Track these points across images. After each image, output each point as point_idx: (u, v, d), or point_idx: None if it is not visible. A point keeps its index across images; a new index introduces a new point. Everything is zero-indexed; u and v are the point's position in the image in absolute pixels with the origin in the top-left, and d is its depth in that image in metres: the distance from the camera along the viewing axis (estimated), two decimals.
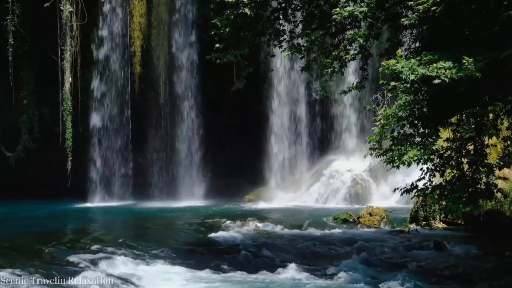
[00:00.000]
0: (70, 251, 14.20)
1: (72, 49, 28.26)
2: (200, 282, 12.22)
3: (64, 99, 28.39)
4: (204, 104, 29.52)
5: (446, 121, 10.76)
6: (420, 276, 12.47)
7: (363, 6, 10.67)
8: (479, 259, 14.22)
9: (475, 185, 10.22)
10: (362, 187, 26.34)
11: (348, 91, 12.65)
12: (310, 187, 27.62)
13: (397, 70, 9.61)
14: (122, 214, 24.91)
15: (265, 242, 16.10)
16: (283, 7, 13.41)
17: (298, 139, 29.85)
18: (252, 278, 12.59)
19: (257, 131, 29.12)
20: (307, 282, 12.25)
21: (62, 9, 27.53)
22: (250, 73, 14.04)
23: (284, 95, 29.65)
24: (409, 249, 15.36)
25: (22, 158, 30.25)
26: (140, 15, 29.54)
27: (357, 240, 16.29)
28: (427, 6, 9.63)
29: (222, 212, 23.44)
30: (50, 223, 21.52)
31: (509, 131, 10.77)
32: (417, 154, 9.70)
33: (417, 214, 18.72)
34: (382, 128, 10.18)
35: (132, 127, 29.82)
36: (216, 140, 29.79)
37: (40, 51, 29.38)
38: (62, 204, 26.85)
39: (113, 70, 29.73)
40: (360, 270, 13.03)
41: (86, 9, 28.23)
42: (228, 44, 12.75)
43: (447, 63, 9.16)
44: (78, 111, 28.66)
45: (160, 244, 15.63)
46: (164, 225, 20.49)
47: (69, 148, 28.59)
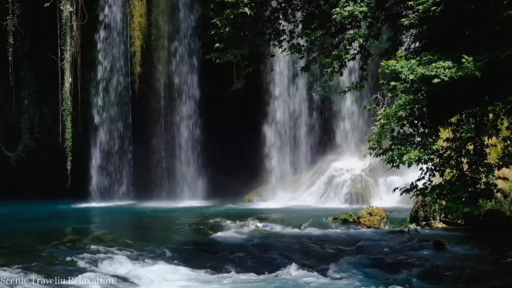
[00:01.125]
0: (70, 251, 14.20)
1: (72, 49, 28.26)
2: (200, 282, 12.22)
3: (64, 99, 28.40)
4: (204, 104, 29.54)
5: (446, 121, 10.75)
6: (420, 276, 12.46)
7: (363, 6, 10.67)
8: (479, 259, 14.20)
9: (475, 185, 10.21)
10: (362, 187, 26.34)
11: (348, 91, 12.65)
12: (310, 187, 27.62)
13: (396, 70, 9.61)
14: (122, 214, 24.91)
15: (265, 242, 16.10)
16: (283, 7, 13.40)
17: (298, 139, 29.86)
18: (252, 278, 12.59)
19: (257, 131, 29.12)
20: (307, 282, 12.25)
21: (62, 9, 27.53)
22: (250, 73, 14.04)
23: (284, 95, 29.65)
24: (409, 249, 15.33)
25: (23, 158, 30.26)
26: (140, 15, 29.55)
27: (357, 240, 16.29)
28: (427, 6, 9.63)
29: (222, 212, 23.45)
30: (50, 223, 21.54)
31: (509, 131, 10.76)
32: (417, 155, 9.69)
33: (417, 214, 18.72)
34: (382, 128, 10.17)
35: (132, 127, 29.84)
36: (216, 140, 29.79)
37: (40, 51, 29.37)
38: (62, 204, 26.86)
39: (113, 70, 29.74)
40: (360, 270, 13.03)
41: (86, 9, 28.24)
42: (228, 43, 12.75)
43: (447, 62, 9.16)
44: (78, 111, 28.68)
45: (160, 244, 15.63)
46: (164, 225, 20.49)
47: (69, 148, 28.60)
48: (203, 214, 23.40)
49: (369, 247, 15.47)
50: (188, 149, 29.82)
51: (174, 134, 29.91)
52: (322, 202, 26.28)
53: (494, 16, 9.17)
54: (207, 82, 29.19)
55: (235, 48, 12.71)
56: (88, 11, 28.33)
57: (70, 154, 28.55)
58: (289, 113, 29.71)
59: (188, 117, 29.77)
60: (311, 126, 29.94)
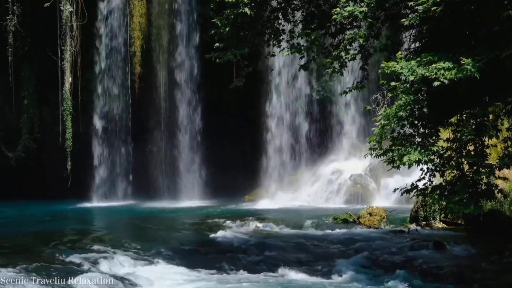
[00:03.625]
0: (70, 251, 14.19)
1: (72, 49, 28.28)
2: (200, 282, 12.22)
3: (64, 99, 28.43)
4: (204, 104, 29.55)
5: (446, 122, 10.74)
6: (420, 276, 12.47)
7: (363, 6, 10.66)
8: (479, 259, 14.20)
9: (476, 186, 10.20)
10: (362, 187, 26.33)
11: (348, 91, 12.64)
12: (310, 187, 27.61)
13: (396, 71, 9.61)
14: (122, 214, 24.91)
15: (265, 242, 16.09)
16: (283, 6, 13.40)
17: (298, 139, 29.85)
18: (252, 278, 12.58)
19: (257, 131, 29.12)
20: (307, 282, 12.26)
21: (62, 9, 27.56)
22: (249, 72, 14.05)
23: (284, 95, 29.65)
24: (409, 249, 15.33)
25: (23, 158, 30.26)
26: (140, 15, 29.55)
27: (357, 240, 16.29)
28: (427, 6, 9.62)
29: (222, 212, 23.44)
30: (50, 223, 21.53)
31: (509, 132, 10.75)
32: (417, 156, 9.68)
33: (417, 214, 18.71)
34: (382, 128, 10.16)
35: (132, 127, 29.85)
36: (216, 140, 29.79)
37: (40, 51, 29.41)
38: (62, 204, 26.86)
39: (113, 70, 29.76)
40: (360, 270, 13.04)
41: (86, 9, 28.26)
42: (228, 43, 12.76)
43: (447, 63, 9.15)
44: (78, 111, 28.69)
45: (160, 244, 15.63)
46: (164, 225, 20.48)
47: (69, 148, 28.63)
48: (203, 214, 23.39)
49: (369, 247, 15.46)
50: (188, 149, 29.83)
51: (174, 134, 29.91)
52: (322, 202, 26.27)
53: (494, 16, 9.16)
54: (207, 82, 29.20)
55: (235, 47, 12.72)
56: (88, 11, 28.34)
57: (70, 154, 28.58)
58: (289, 113, 29.71)
59: (188, 117, 29.77)
60: (311, 126, 29.94)
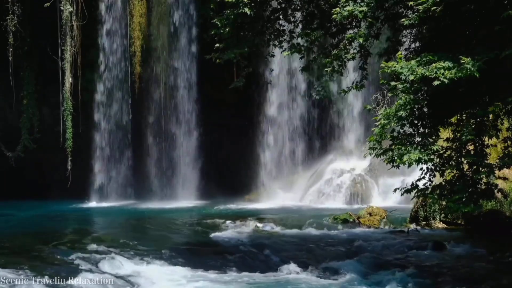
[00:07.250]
0: (70, 251, 14.18)
1: (72, 49, 28.29)
2: (200, 282, 12.21)
3: (65, 99, 28.44)
4: (203, 104, 29.54)
5: (446, 121, 10.74)
6: (420, 276, 12.46)
7: (363, 5, 10.66)
8: (479, 259, 14.20)
9: (476, 186, 10.20)
10: (362, 187, 26.33)
11: (348, 90, 12.63)
12: (310, 187, 27.60)
13: (397, 71, 9.61)
14: (122, 214, 24.92)
15: (265, 242, 16.10)
16: (283, 7, 13.40)
17: (298, 139, 29.86)
18: (252, 278, 12.59)
19: (257, 131, 29.13)
20: (307, 282, 12.25)
21: (62, 9, 27.56)
22: (249, 73, 14.05)
23: (283, 95, 29.66)
24: (409, 249, 15.34)
25: (22, 158, 30.26)
26: (140, 15, 29.56)
27: (357, 240, 16.29)
28: (427, 6, 9.62)
29: (222, 212, 23.45)
30: (50, 223, 21.53)
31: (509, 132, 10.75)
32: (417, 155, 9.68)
33: (417, 214, 18.71)
34: (382, 128, 10.16)
35: (132, 127, 29.86)
36: (216, 140, 29.80)
37: (40, 51, 29.42)
38: (62, 204, 26.87)
39: (113, 70, 29.76)
40: (360, 270, 13.04)
41: (86, 9, 28.26)
42: (228, 43, 12.75)
43: (447, 63, 9.15)
44: (78, 111, 28.70)
45: (160, 244, 15.64)
46: (164, 225, 20.48)
47: (69, 148, 28.64)
48: (203, 214, 23.40)
49: (369, 247, 15.47)
50: (188, 149, 29.83)
51: (174, 134, 29.92)
52: (322, 202, 26.26)
53: (494, 16, 9.16)
54: (207, 82, 29.19)
55: (235, 48, 12.72)
56: (88, 11, 28.35)
57: (70, 154, 28.58)
58: (289, 113, 29.72)
59: (187, 117, 29.78)
60: (311, 126, 29.95)
